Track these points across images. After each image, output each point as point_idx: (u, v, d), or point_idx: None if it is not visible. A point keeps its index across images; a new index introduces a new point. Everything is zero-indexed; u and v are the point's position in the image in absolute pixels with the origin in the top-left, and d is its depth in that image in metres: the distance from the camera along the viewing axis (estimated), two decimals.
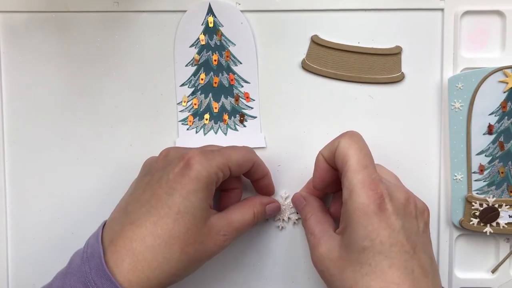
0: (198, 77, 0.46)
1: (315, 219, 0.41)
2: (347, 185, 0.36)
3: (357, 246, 0.36)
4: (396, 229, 0.36)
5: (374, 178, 0.36)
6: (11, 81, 0.46)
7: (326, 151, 0.39)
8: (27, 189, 0.47)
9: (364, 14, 0.45)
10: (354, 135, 0.38)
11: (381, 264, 0.35)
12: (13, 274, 0.47)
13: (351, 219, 0.36)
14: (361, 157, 0.37)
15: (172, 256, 0.37)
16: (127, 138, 0.47)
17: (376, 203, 0.35)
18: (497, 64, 0.44)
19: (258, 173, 0.44)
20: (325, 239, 0.38)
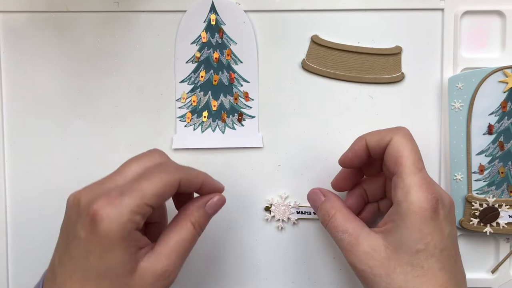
0: (198, 75, 0.46)
1: (343, 216, 0.39)
2: (402, 186, 0.36)
3: (410, 248, 0.36)
4: (446, 234, 0.36)
5: (429, 181, 0.37)
6: (11, 81, 0.46)
7: (374, 140, 0.39)
8: (27, 189, 0.47)
9: (364, 14, 0.45)
10: (408, 134, 0.38)
11: (433, 267, 0.35)
12: (13, 274, 0.47)
13: (405, 220, 0.36)
14: (416, 159, 0.37)
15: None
16: (127, 138, 0.47)
17: (433, 207, 0.36)
18: (497, 64, 0.45)
19: (208, 191, 0.39)
20: (365, 237, 0.37)
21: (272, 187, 0.46)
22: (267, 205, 0.46)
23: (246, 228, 0.47)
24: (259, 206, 0.47)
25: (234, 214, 0.47)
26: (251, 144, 0.46)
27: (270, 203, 0.46)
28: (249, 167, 0.46)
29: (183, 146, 0.46)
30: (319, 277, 0.47)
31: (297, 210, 0.46)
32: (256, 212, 0.47)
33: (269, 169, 0.46)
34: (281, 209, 0.46)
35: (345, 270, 0.47)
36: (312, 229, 0.47)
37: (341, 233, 0.39)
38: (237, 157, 0.46)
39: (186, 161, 0.46)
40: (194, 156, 0.46)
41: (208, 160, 0.46)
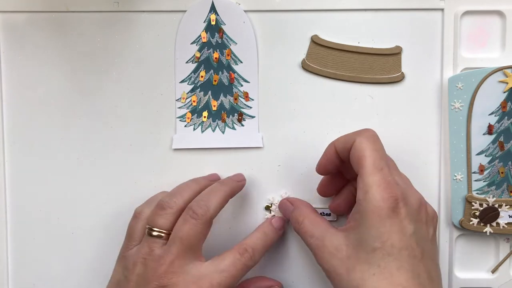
0: (198, 75, 0.46)
1: (310, 221, 0.41)
2: (361, 186, 0.37)
3: (368, 246, 0.36)
4: (407, 233, 0.36)
5: (389, 181, 0.37)
6: (11, 81, 0.46)
7: (341, 144, 0.40)
8: (27, 189, 0.47)
9: (364, 14, 0.45)
10: (371, 135, 0.39)
11: (390, 266, 0.35)
12: (13, 274, 0.47)
13: (363, 219, 0.36)
14: (377, 159, 0.37)
15: None
16: (127, 138, 0.47)
17: (390, 206, 0.36)
18: (497, 64, 0.45)
19: None
20: (329, 238, 0.38)
21: (272, 187, 0.46)
22: (268, 204, 0.46)
23: (246, 228, 0.47)
24: (259, 206, 0.47)
25: (234, 214, 0.47)
26: (251, 144, 0.46)
27: (270, 202, 0.46)
28: (249, 167, 0.46)
29: (183, 146, 0.46)
30: (319, 277, 0.47)
31: None
32: (256, 212, 0.47)
33: (269, 169, 0.46)
34: None
35: None
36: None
37: (309, 238, 0.40)
38: (237, 157, 0.46)
39: (186, 161, 0.46)
40: (194, 156, 0.46)
41: (208, 160, 0.46)
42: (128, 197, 0.44)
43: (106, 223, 0.47)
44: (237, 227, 0.47)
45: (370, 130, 0.39)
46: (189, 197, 0.41)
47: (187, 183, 0.44)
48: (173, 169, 0.46)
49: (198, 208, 0.39)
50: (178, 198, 0.41)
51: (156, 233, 0.40)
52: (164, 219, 0.40)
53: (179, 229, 0.39)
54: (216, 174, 0.46)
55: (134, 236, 0.42)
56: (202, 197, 0.41)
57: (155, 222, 0.40)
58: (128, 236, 0.42)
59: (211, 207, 0.40)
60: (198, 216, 0.39)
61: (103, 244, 0.47)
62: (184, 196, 0.41)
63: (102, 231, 0.47)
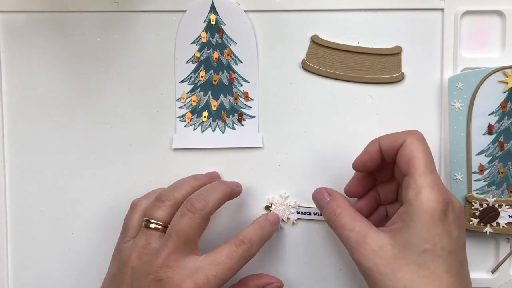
0: (198, 74, 0.46)
1: (349, 215, 0.39)
2: (413, 187, 0.36)
3: (418, 248, 0.36)
4: (454, 237, 0.36)
5: (440, 184, 0.37)
6: (11, 81, 0.46)
7: (387, 142, 0.39)
8: (27, 189, 0.47)
9: (364, 14, 0.45)
10: (421, 136, 0.39)
11: (440, 268, 0.35)
12: (13, 274, 0.47)
13: (415, 220, 0.36)
14: (429, 161, 0.37)
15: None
16: (127, 138, 0.47)
17: (443, 209, 0.36)
18: (497, 64, 0.44)
19: None
20: (371, 236, 0.37)
21: (272, 187, 0.46)
22: (268, 204, 0.46)
23: None
24: (259, 206, 0.47)
25: (234, 214, 0.47)
26: (251, 144, 0.46)
27: (270, 202, 0.46)
28: (249, 167, 0.46)
29: (183, 146, 0.46)
30: (319, 277, 0.47)
31: (297, 210, 0.46)
32: (256, 212, 0.47)
33: (269, 169, 0.46)
34: (281, 209, 0.46)
35: (345, 270, 0.47)
36: (312, 230, 0.47)
37: (348, 232, 0.38)
38: (237, 157, 0.46)
39: (186, 161, 0.46)
40: (194, 156, 0.46)
41: (208, 160, 0.46)
42: (128, 197, 0.44)
43: (106, 223, 0.47)
44: (237, 227, 0.47)
45: (419, 132, 0.39)
46: (188, 192, 0.41)
47: (186, 178, 0.44)
48: (173, 169, 0.46)
49: (197, 202, 0.39)
50: (177, 192, 0.41)
51: (154, 225, 0.40)
52: (162, 211, 0.40)
53: (176, 222, 0.39)
54: (216, 172, 0.46)
55: (130, 228, 0.42)
56: (202, 191, 0.41)
57: (152, 214, 0.40)
58: (124, 227, 0.42)
59: (210, 202, 0.40)
60: (197, 210, 0.39)
61: (103, 244, 0.47)
62: (183, 191, 0.41)
63: (102, 231, 0.47)
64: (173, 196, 0.41)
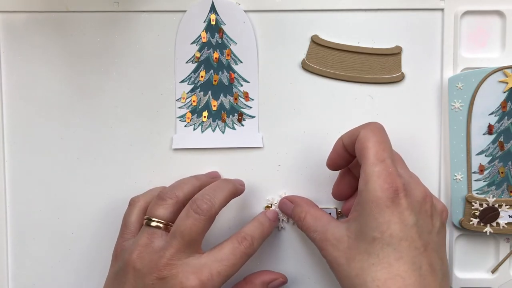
0: (198, 75, 0.46)
1: (312, 216, 0.41)
2: (363, 177, 0.37)
3: (367, 236, 0.36)
4: (408, 224, 0.36)
5: (391, 172, 0.37)
6: (11, 81, 0.46)
7: (347, 138, 0.40)
8: (27, 189, 0.47)
9: (364, 14, 0.45)
10: (376, 127, 0.39)
11: (389, 256, 0.36)
12: (13, 274, 0.47)
13: (363, 209, 0.37)
14: (380, 150, 0.37)
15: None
16: (127, 138, 0.47)
17: (389, 197, 0.36)
18: (497, 64, 0.45)
19: None
20: (331, 231, 0.39)
21: (272, 187, 0.46)
22: (268, 204, 0.46)
23: None
24: (259, 206, 0.47)
25: (234, 214, 0.47)
26: (251, 144, 0.46)
27: (270, 203, 0.46)
28: (249, 167, 0.46)
29: (183, 146, 0.46)
30: (319, 277, 0.47)
31: None
32: (256, 212, 0.47)
33: (269, 169, 0.46)
34: None
35: None
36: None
37: (312, 233, 0.40)
38: (237, 157, 0.46)
39: (186, 161, 0.46)
40: (194, 156, 0.46)
41: (208, 160, 0.46)
42: (128, 197, 0.44)
43: (106, 223, 0.47)
44: (237, 227, 0.47)
45: (376, 123, 0.40)
46: (189, 191, 0.41)
47: (188, 178, 0.44)
48: (173, 169, 0.46)
49: (203, 203, 0.39)
50: (179, 191, 0.41)
51: (155, 223, 0.40)
52: (164, 209, 0.40)
53: (181, 223, 0.38)
54: (216, 172, 0.46)
55: (129, 225, 0.42)
56: (207, 191, 0.40)
57: (153, 212, 0.40)
58: (123, 225, 0.42)
59: (216, 203, 0.39)
60: (203, 212, 0.39)
61: (103, 244, 0.47)
62: (185, 189, 0.41)
63: (102, 231, 0.47)
64: (174, 195, 0.41)
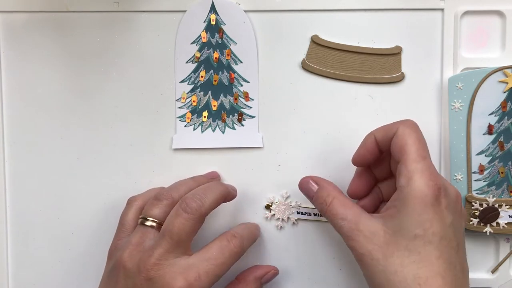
0: (198, 74, 0.46)
1: (341, 203, 0.39)
2: (405, 173, 0.37)
3: (409, 233, 0.36)
4: (447, 223, 0.36)
5: (433, 170, 0.37)
6: (11, 81, 0.46)
7: (381, 134, 0.40)
8: (27, 189, 0.47)
9: (364, 14, 0.45)
10: (413, 124, 0.39)
11: (431, 254, 0.36)
12: (13, 274, 0.47)
13: (406, 205, 0.36)
14: (421, 148, 0.37)
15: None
16: (127, 138, 0.47)
17: (434, 194, 0.36)
18: (497, 64, 0.45)
19: None
20: (364, 222, 0.38)
21: (272, 187, 0.46)
22: (268, 203, 0.46)
23: None
24: (259, 206, 0.47)
25: (234, 214, 0.47)
26: (251, 144, 0.46)
27: (271, 202, 0.46)
28: (249, 167, 0.46)
29: (183, 146, 0.46)
30: (319, 277, 0.47)
31: (298, 211, 0.46)
32: (256, 212, 0.47)
33: (269, 169, 0.46)
34: (282, 208, 0.46)
35: (345, 270, 0.47)
36: (312, 230, 0.47)
37: (340, 220, 0.38)
38: (237, 157, 0.46)
39: (186, 161, 0.46)
40: (194, 156, 0.46)
41: (208, 160, 0.46)
42: (128, 197, 0.44)
43: (106, 223, 0.47)
44: None
45: (412, 120, 0.39)
46: (185, 192, 0.41)
47: (185, 180, 0.44)
48: (173, 169, 0.46)
49: (192, 201, 0.39)
50: (175, 192, 0.41)
51: (150, 222, 0.40)
52: (159, 209, 0.40)
53: (170, 222, 0.38)
54: (215, 172, 0.46)
55: (125, 223, 0.42)
56: (198, 191, 0.40)
57: (149, 212, 0.40)
58: (120, 224, 0.43)
59: (206, 202, 0.39)
60: (192, 210, 0.38)
61: (103, 244, 0.46)
62: (181, 191, 0.41)
63: (102, 231, 0.47)
64: (170, 196, 0.41)
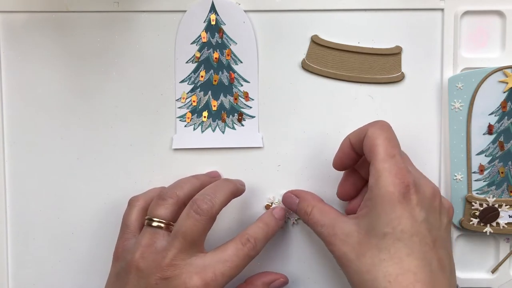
0: (198, 74, 0.46)
1: (319, 211, 0.41)
2: (373, 173, 0.37)
3: (378, 232, 0.36)
4: (418, 220, 0.36)
5: (401, 167, 0.37)
6: (11, 81, 0.46)
7: (354, 137, 0.40)
8: (27, 189, 0.47)
9: (364, 14, 0.45)
10: (383, 125, 0.39)
11: (400, 251, 0.36)
12: (13, 274, 0.47)
13: (375, 205, 0.37)
14: (389, 147, 0.38)
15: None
16: (127, 138, 0.47)
17: (401, 192, 0.36)
18: (497, 64, 0.45)
19: None
20: (339, 226, 0.39)
21: (272, 187, 0.46)
22: (268, 203, 0.46)
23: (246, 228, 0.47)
24: (259, 206, 0.47)
25: (234, 214, 0.47)
26: (251, 144, 0.46)
27: (271, 202, 0.46)
28: (249, 167, 0.46)
29: (183, 146, 0.46)
30: (319, 277, 0.47)
31: None
32: (256, 212, 0.47)
33: (269, 169, 0.46)
34: None
35: None
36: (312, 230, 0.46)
37: (320, 227, 0.40)
38: (237, 157, 0.46)
39: (186, 161, 0.46)
40: (194, 156, 0.46)
41: (208, 160, 0.46)
42: (128, 197, 0.44)
43: (106, 223, 0.47)
44: (237, 227, 0.47)
45: (383, 121, 0.40)
46: (189, 190, 0.41)
47: (187, 177, 0.43)
48: (173, 169, 0.46)
49: (203, 203, 0.39)
50: (179, 190, 0.41)
51: (156, 223, 0.39)
52: (165, 209, 0.40)
53: (182, 224, 0.38)
54: (216, 171, 0.46)
55: (129, 224, 0.42)
56: (208, 191, 0.40)
57: (154, 212, 0.40)
58: (124, 225, 0.42)
59: (216, 203, 0.39)
60: (203, 212, 0.38)
61: (103, 244, 0.47)
62: (185, 189, 0.41)
63: (102, 231, 0.47)
64: (175, 194, 0.41)
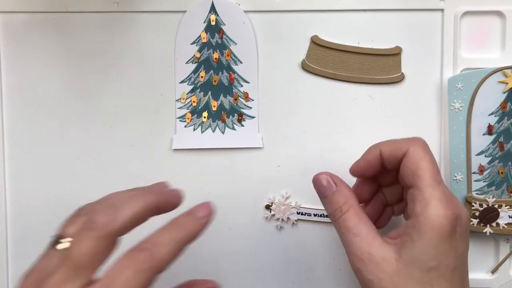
0: (198, 75, 0.46)
1: (356, 216, 0.36)
2: (420, 199, 0.35)
3: (423, 265, 0.34)
4: (459, 252, 0.35)
5: (449, 196, 0.35)
6: (11, 81, 0.46)
7: (388, 151, 0.37)
8: (27, 189, 0.47)
9: (364, 14, 0.45)
10: (424, 144, 0.37)
11: (443, 287, 0.34)
12: (13, 274, 0.47)
13: (421, 235, 0.34)
14: (435, 172, 0.35)
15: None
16: (127, 138, 0.47)
17: (452, 225, 0.34)
18: (497, 64, 0.44)
19: None
20: (377, 247, 0.35)
21: (272, 188, 0.47)
22: (268, 203, 0.46)
23: (246, 228, 0.47)
24: (259, 206, 0.47)
25: (234, 215, 0.47)
26: (251, 145, 0.46)
27: (271, 202, 0.46)
28: (249, 168, 0.46)
29: (183, 146, 0.46)
30: (319, 277, 0.47)
31: (298, 211, 0.46)
32: (256, 212, 0.47)
33: (269, 169, 0.46)
34: (282, 209, 0.46)
35: (345, 270, 0.47)
36: (312, 230, 0.47)
37: (352, 236, 0.36)
38: (237, 158, 0.46)
39: (186, 161, 0.46)
40: (194, 157, 0.46)
41: (208, 160, 0.46)
42: None
43: None
44: (238, 227, 0.47)
45: (422, 139, 0.37)
46: None
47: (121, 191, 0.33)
48: (173, 169, 0.46)
49: (101, 215, 0.29)
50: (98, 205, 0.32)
51: (61, 245, 0.32)
52: (75, 227, 0.31)
53: (73, 242, 0.30)
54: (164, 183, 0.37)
55: None
56: (115, 201, 0.31)
57: (63, 230, 0.32)
58: None
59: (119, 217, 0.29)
60: (97, 227, 0.29)
61: None
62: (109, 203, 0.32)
63: None
64: (90, 210, 0.31)
